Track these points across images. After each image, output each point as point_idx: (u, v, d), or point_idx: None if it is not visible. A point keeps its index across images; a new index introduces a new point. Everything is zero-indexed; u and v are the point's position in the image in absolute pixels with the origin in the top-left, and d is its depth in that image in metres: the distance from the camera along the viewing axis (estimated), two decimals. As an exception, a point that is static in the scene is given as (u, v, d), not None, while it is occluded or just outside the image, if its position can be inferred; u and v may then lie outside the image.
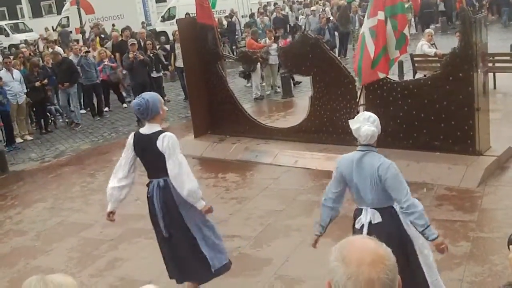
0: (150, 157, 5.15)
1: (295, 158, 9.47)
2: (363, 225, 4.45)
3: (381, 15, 8.30)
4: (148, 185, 5.30)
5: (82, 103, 16.02)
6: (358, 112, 9.22)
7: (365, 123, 4.41)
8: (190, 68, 11.09)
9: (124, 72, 15.56)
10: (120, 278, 6.35)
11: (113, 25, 29.13)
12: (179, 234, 5.22)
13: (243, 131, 10.66)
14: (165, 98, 16.32)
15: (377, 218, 4.39)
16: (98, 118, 15.13)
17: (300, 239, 6.77)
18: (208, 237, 5.30)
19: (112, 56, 16.23)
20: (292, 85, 15.34)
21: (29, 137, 13.75)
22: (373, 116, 4.49)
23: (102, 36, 21.96)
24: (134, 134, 5.34)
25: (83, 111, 15.74)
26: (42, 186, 10.19)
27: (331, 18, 22.14)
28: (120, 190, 5.31)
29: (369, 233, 4.30)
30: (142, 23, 29.97)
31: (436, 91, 8.38)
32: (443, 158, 8.30)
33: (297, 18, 27.74)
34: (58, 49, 19.00)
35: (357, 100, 9.20)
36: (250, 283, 5.87)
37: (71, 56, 16.00)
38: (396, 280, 1.75)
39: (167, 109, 15.21)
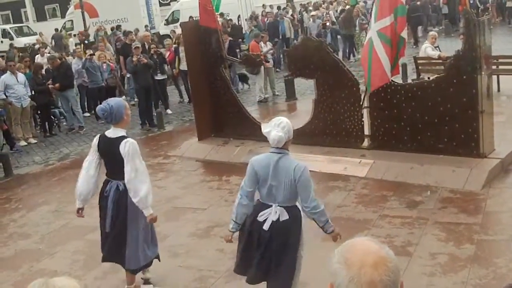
0: (112, 159, 5.52)
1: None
2: (266, 219, 4.79)
3: (391, 17, 8.34)
4: (105, 183, 5.69)
5: (86, 106, 16.04)
6: (362, 115, 9.25)
7: (275, 128, 4.72)
8: (193, 71, 11.11)
9: (128, 75, 15.59)
10: (124, 280, 6.34)
11: (112, 28, 29.19)
12: (116, 229, 5.66)
13: (247, 134, 10.66)
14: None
15: (285, 216, 4.77)
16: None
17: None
18: (139, 244, 5.68)
19: (110, 59, 16.17)
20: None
21: (33, 140, 13.78)
22: (284, 122, 4.78)
23: (86, 42, 21.74)
24: (100, 136, 5.72)
25: (87, 114, 15.76)
26: (46, 189, 10.21)
27: (334, 21, 22.16)
28: (87, 192, 5.78)
29: (271, 228, 4.76)
30: (146, 26, 30.00)
31: (440, 94, 8.37)
32: (447, 160, 8.29)
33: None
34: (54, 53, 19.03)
35: (361, 103, 9.19)
36: (254, 286, 5.85)
37: (75, 60, 16.04)
38: (398, 282, 1.74)
39: (171, 112, 15.29)
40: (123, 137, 5.49)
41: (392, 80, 8.81)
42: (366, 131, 9.31)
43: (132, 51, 13.92)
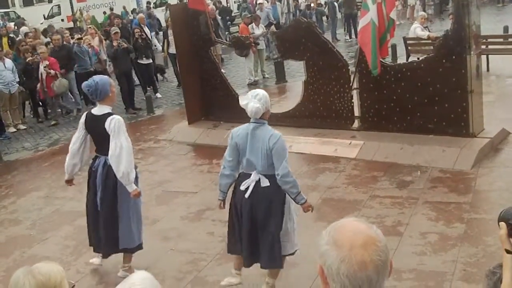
0: (99, 136, 5.59)
1: (289, 143, 9.38)
2: (248, 187, 4.96)
3: None
4: (94, 159, 5.77)
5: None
6: (351, 97, 9.25)
7: (252, 100, 4.91)
8: (182, 54, 11.04)
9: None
10: (115, 265, 6.35)
11: (104, 12, 28.96)
12: (107, 207, 5.69)
13: (237, 117, 10.48)
14: (159, 84, 16.30)
15: (265, 183, 4.93)
16: (92, 106, 15.03)
17: (295, 223, 6.79)
18: (129, 219, 5.74)
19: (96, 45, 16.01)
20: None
21: (22, 126, 13.69)
22: (261, 93, 4.98)
23: (11, 35, 20.88)
24: (86, 114, 5.77)
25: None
26: (36, 175, 10.17)
27: (312, 5, 22.16)
28: (73, 166, 5.96)
29: (252, 194, 4.93)
30: (133, 10, 29.72)
31: (429, 74, 8.38)
32: (437, 140, 8.32)
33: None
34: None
35: (351, 84, 9.19)
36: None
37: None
38: (388, 261, 1.75)
39: (160, 96, 15.23)
40: (108, 114, 5.53)
41: (381, 61, 8.79)
42: (356, 112, 9.32)
43: (111, 36, 13.85)
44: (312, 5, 22.35)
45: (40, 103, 14.55)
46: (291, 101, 10.82)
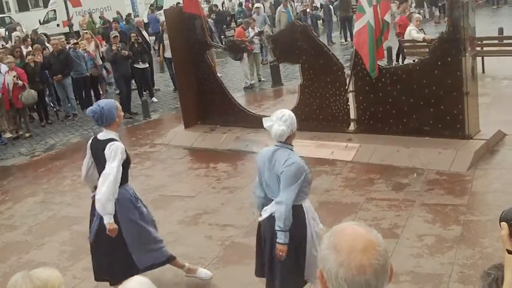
0: (99, 162, 5.30)
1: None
2: (265, 213, 4.60)
3: (374, 0, 8.33)
4: (95, 188, 5.36)
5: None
6: (347, 100, 9.26)
7: (277, 122, 4.50)
8: (178, 58, 11.05)
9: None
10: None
11: (100, 17, 28.94)
12: (107, 241, 5.25)
13: (233, 120, 10.65)
14: (155, 88, 16.31)
15: None
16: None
17: (292, 227, 6.79)
18: (138, 243, 5.39)
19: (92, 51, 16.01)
20: None
21: (9, 134, 13.59)
22: (286, 114, 4.55)
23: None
24: (92, 139, 5.50)
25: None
26: (33, 180, 10.15)
27: (308, 10, 22.19)
28: (87, 185, 5.77)
29: (264, 223, 4.60)
30: (128, 14, 29.71)
31: (425, 76, 8.39)
32: (433, 142, 8.33)
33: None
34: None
35: (346, 87, 9.20)
36: (243, 271, 5.87)
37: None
38: (388, 265, 1.75)
39: (157, 100, 15.23)
40: (110, 140, 5.21)
41: (377, 64, 8.81)
42: (352, 115, 9.32)
43: (111, 40, 13.88)
44: (308, 10, 22.39)
45: (35, 106, 14.50)
46: (287, 104, 10.81)
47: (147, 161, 10.15)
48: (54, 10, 34.00)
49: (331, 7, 23.70)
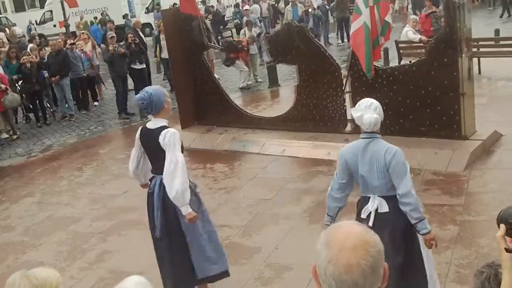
0: (153, 152, 5.06)
1: (283, 147, 9.49)
2: (369, 213, 4.34)
3: (371, 1, 8.34)
4: (151, 179, 5.22)
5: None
6: (344, 100, 9.28)
7: (367, 111, 4.33)
8: (175, 59, 11.05)
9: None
10: (110, 270, 6.35)
11: (96, 17, 28.91)
12: (171, 237, 5.11)
13: (230, 121, 10.65)
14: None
15: (384, 207, 4.29)
16: (84, 112, 15.06)
17: (289, 227, 6.81)
18: (202, 247, 5.18)
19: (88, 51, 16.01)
20: None
21: (5, 135, 13.56)
22: (375, 102, 4.42)
23: None
24: (141, 129, 5.25)
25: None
26: (29, 181, 10.13)
27: (310, 10, 22.18)
28: (137, 176, 5.45)
29: (374, 222, 4.24)
30: (125, 15, 29.70)
31: (421, 77, 8.41)
32: (429, 143, 8.35)
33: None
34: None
35: (343, 87, 9.22)
36: (240, 271, 5.89)
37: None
38: (379, 266, 1.73)
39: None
40: (163, 127, 4.99)
41: (373, 64, 8.82)
42: (349, 115, 9.32)
43: (108, 40, 13.88)
44: (310, 10, 22.37)
45: (31, 106, 14.49)
46: (284, 105, 10.84)
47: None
48: (51, 11, 33.96)
49: (327, 7, 23.71)
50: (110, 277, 6.14)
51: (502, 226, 2.17)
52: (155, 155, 5.03)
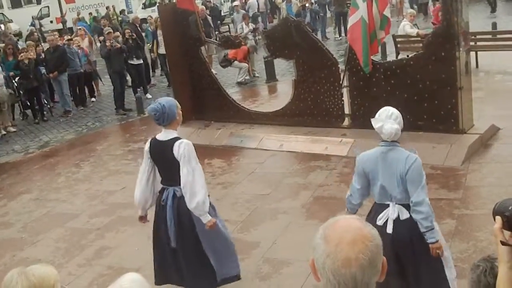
0: (166, 164, 5.02)
1: (280, 142, 9.48)
2: (386, 220, 4.35)
3: None
4: (161, 191, 5.18)
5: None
6: (341, 95, 9.26)
7: (388, 121, 4.35)
8: (172, 54, 11.03)
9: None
10: (108, 266, 6.35)
11: (90, 14, 28.85)
12: (188, 245, 5.11)
13: (228, 116, 10.64)
14: (151, 84, 16.31)
15: (405, 214, 4.31)
16: (82, 108, 15.04)
17: (287, 222, 6.81)
18: (218, 251, 5.19)
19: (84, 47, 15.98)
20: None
21: (12, 129, 13.61)
22: (395, 112, 4.42)
23: None
24: (151, 141, 5.18)
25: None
26: (27, 177, 10.12)
27: (307, 5, 22.17)
28: (144, 201, 5.29)
29: (394, 229, 4.29)
30: (122, 11, 29.65)
31: (419, 71, 8.40)
32: (427, 137, 8.34)
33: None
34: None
35: (341, 82, 9.21)
36: (238, 267, 5.88)
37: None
38: (378, 260, 1.73)
39: (151, 97, 15.19)
40: (176, 139, 4.95)
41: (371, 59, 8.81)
42: (347, 110, 9.33)
43: (105, 36, 13.85)
44: (307, 5, 22.36)
45: (28, 103, 14.45)
46: (282, 100, 10.82)
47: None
48: (48, 7, 33.88)
49: (325, 1, 23.69)
50: (108, 273, 6.14)
51: (498, 218, 2.16)
52: (169, 167, 4.99)
